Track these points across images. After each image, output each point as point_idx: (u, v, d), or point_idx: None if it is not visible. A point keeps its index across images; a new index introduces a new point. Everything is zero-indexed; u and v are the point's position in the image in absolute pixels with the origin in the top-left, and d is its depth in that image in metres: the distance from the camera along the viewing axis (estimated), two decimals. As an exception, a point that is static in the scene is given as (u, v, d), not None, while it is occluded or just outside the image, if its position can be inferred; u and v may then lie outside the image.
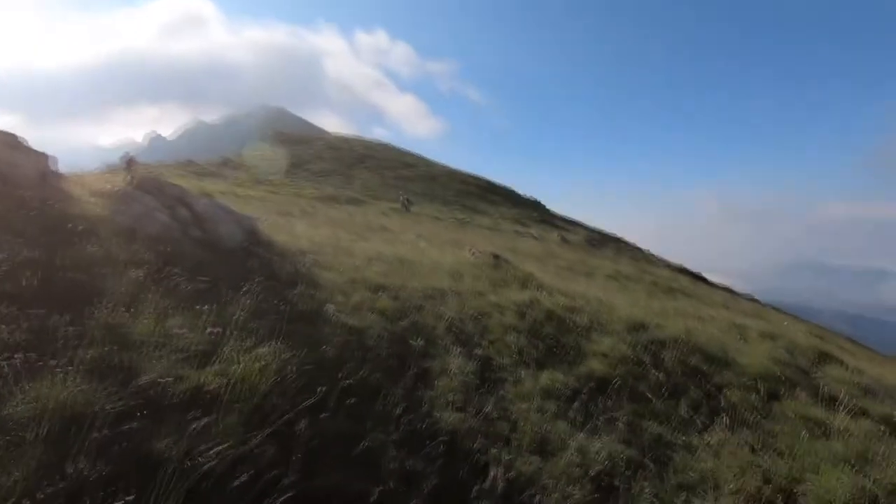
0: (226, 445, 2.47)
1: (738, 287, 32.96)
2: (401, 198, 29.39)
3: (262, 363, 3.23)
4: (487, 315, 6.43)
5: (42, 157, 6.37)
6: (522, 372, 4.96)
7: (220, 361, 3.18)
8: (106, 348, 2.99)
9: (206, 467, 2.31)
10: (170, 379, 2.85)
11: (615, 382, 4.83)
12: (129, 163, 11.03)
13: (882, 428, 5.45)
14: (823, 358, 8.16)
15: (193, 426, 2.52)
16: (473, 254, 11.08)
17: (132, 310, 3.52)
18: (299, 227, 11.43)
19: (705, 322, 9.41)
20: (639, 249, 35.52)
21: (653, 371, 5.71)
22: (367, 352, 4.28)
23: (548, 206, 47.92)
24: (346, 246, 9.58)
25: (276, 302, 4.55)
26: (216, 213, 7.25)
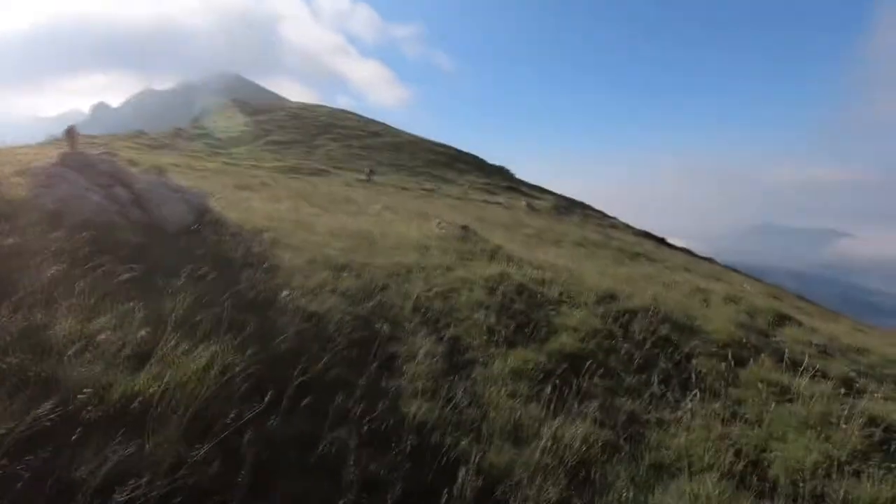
0: (159, 468, 2.16)
1: (696, 248, 34.07)
2: (365, 169, 28.60)
3: (204, 363, 2.89)
4: (456, 292, 6.21)
5: (-48, 131, 5.63)
6: (493, 352, 4.79)
7: (154, 364, 2.82)
8: (17, 358, 2.59)
9: (132, 497, 2.00)
10: (93, 390, 2.49)
11: (588, 361, 4.72)
12: (70, 135, 10.01)
13: (840, 389, 5.62)
14: (782, 319, 8.39)
15: (120, 447, 2.20)
16: (441, 225, 10.78)
17: (51, 310, 3.09)
18: (257, 202, 10.81)
19: (670, 288, 9.50)
20: (604, 215, 36.03)
21: (623, 344, 5.65)
22: (326, 341, 3.98)
23: (515, 174, 47.81)
24: (307, 221, 9.12)
25: (224, 290, 4.15)
26: (159, 190, 6.65)
